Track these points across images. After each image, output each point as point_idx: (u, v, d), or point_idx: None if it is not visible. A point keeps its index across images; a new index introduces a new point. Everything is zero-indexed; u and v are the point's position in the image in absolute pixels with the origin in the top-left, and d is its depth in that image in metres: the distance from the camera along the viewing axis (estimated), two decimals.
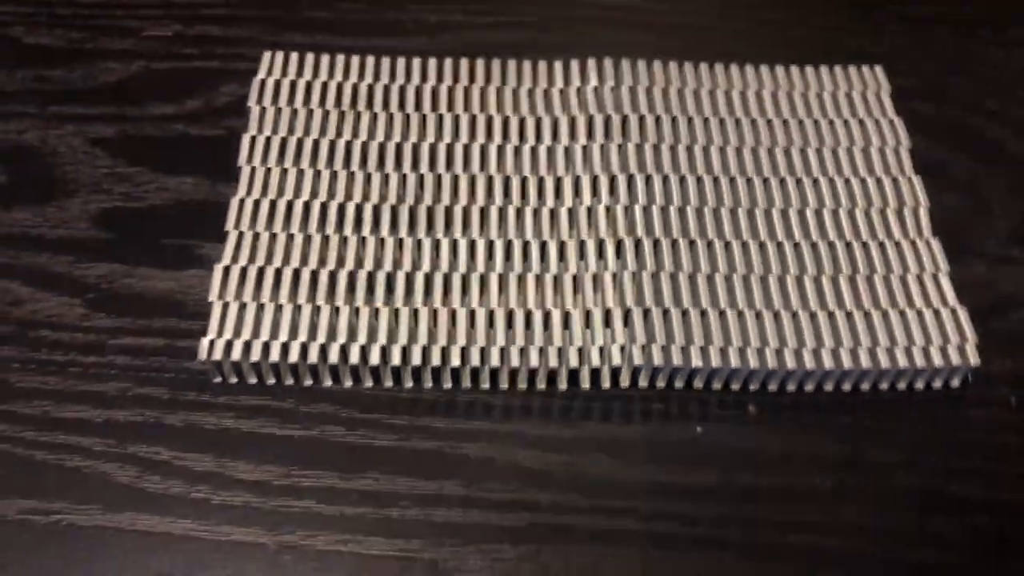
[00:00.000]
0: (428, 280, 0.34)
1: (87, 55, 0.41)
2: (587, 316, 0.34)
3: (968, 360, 0.33)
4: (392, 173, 0.37)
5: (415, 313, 0.33)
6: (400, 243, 0.35)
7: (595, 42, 0.42)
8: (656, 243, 0.35)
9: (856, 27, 0.44)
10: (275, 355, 0.32)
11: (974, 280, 0.36)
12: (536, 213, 0.36)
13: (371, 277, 0.34)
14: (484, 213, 0.36)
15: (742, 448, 0.33)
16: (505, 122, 0.38)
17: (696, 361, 0.33)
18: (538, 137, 0.38)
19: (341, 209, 0.36)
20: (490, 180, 0.37)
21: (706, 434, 0.33)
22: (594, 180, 0.37)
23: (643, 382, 0.33)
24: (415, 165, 0.37)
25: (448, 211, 0.36)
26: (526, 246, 0.35)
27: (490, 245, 0.35)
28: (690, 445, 0.33)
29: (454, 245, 0.35)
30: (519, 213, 0.36)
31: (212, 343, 0.33)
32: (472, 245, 0.35)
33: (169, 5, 0.43)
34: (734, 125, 0.38)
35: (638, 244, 0.35)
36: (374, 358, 0.32)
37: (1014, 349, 0.35)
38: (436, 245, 0.35)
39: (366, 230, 0.35)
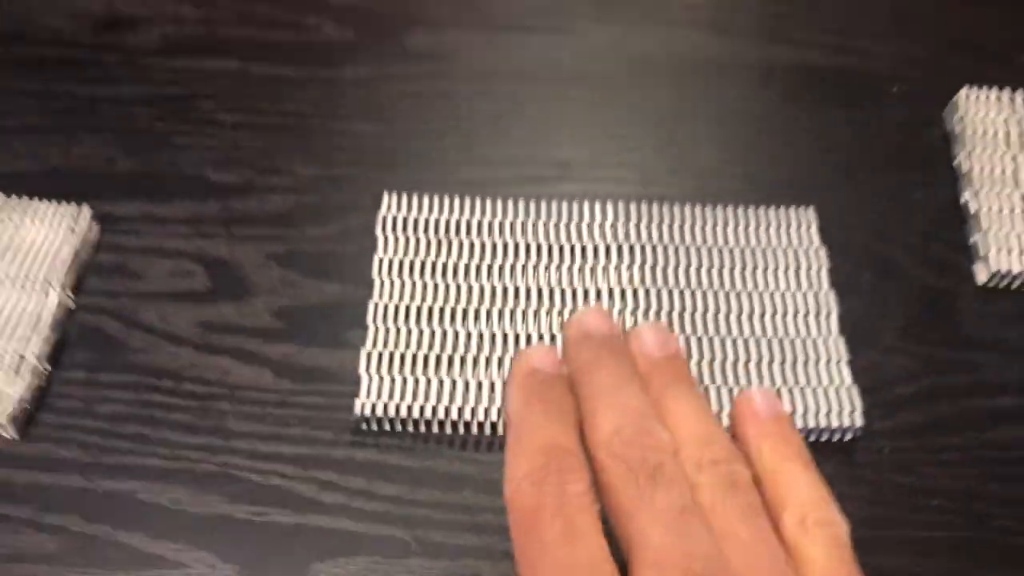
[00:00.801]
0: (501, 360, 0.52)
1: (258, 189, 0.59)
2: None
3: (855, 422, 0.51)
4: (475, 284, 0.54)
5: (493, 384, 0.51)
6: (481, 335, 0.53)
7: (610, 183, 0.60)
8: None
9: (797, 173, 0.61)
10: (404, 412, 0.50)
11: (867, 365, 0.54)
12: (560, 315, 0.54)
13: (464, 358, 0.52)
14: (538, 314, 0.53)
15: None
16: (549, 248, 0.56)
17: None
18: (572, 259, 0.56)
19: (442, 310, 0.53)
20: (539, 291, 0.54)
21: None
22: (611, 292, 0.54)
23: None
24: (488, 277, 0.55)
25: (513, 312, 0.53)
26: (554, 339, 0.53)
27: (543, 338, 0.53)
28: None
29: (517, 336, 0.53)
30: (558, 314, 0.54)
31: (363, 403, 0.50)
32: (528, 337, 0.53)
33: (310, 151, 0.61)
34: (707, 250, 0.56)
35: None
36: (467, 414, 0.50)
37: (890, 414, 0.52)
38: (504, 336, 0.53)
39: (459, 324, 0.53)
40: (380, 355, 0.51)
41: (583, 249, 0.56)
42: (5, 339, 0.50)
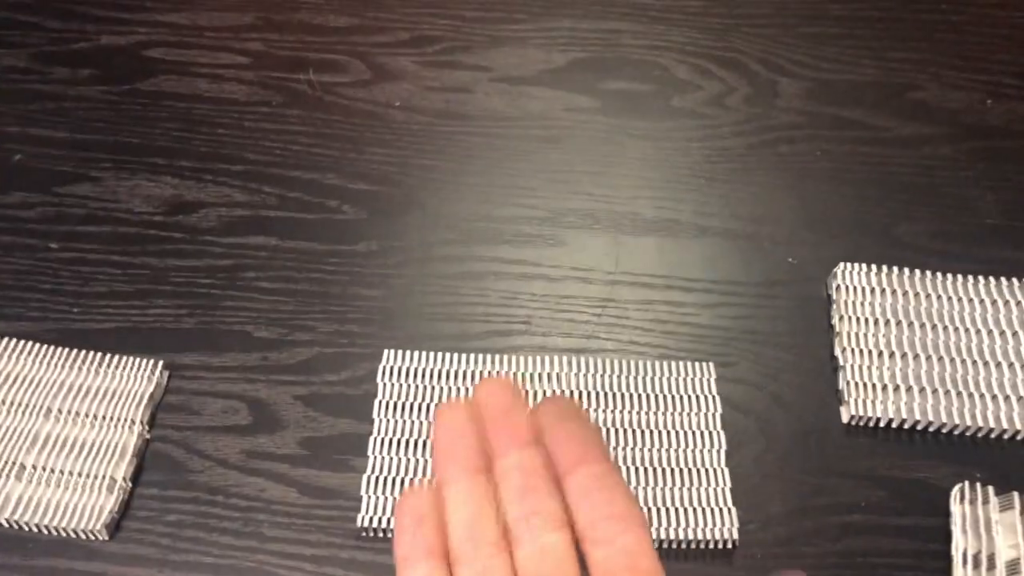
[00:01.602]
0: None
1: (287, 344, 0.77)
2: None
3: (733, 535, 0.67)
4: None
5: None
6: None
7: (558, 336, 0.78)
8: None
9: (702, 331, 0.79)
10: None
11: (749, 489, 0.71)
12: None
13: None
14: None
15: None
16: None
17: None
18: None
19: (426, 443, 0.71)
20: None
21: None
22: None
23: None
24: None
25: None
26: None
27: None
28: None
29: None
30: None
31: (363, 516, 0.68)
32: None
33: (329, 312, 0.79)
34: (631, 399, 0.73)
35: None
36: None
37: (763, 527, 0.69)
38: None
39: None
40: (378, 478, 0.69)
41: (535, 395, 0.73)
42: (100, 463, 0.68)
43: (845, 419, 0.73)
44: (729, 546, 0.67)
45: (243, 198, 0.83)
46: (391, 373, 0.73)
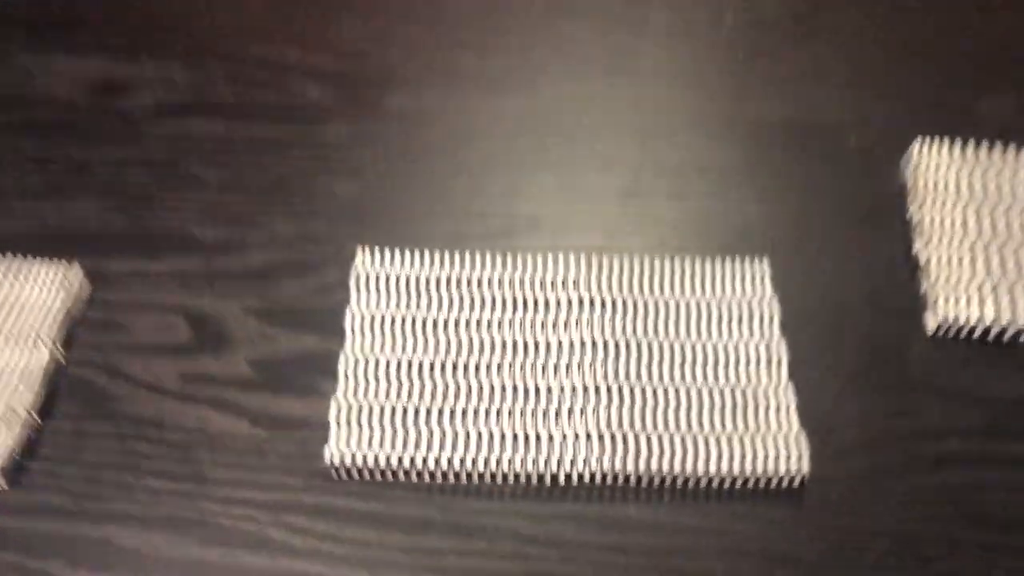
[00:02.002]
0: (465, 411, 0.54)
1: (239, 246, 0.62)
2: (564, 436, 0.54)
3: (802, 468, 0.53)
4: (442, 335, 0.57)
5: (457, 433, 0.54)
6: (447, 385, 0.55)
7: (577, 233, 0.63)
8: (620, 388, 0.55)
9: (751, 226, 0.64)
10: (371, 460, 0.53)
11: (817, 412, 0.56)
12: (533, 365, 0.56)
13: (430, 409, 0.55)
14: (500, 365, 0.56)
15: (658, 521, 0.52)
16: (515, 299, 0.59)
17: (630, 467, 0.53)
18: (536, 309, 0.58)
19: (410, 362, 0.56)
20: (504, 340, 0.57)
21: (635, 512, 0.53)
22: (571, 342, 0.57)
23: (598, 478, 0.53)
24: (456, 329, 0.57)
25: (478, 363, 0.56)
26: (525, 387, 0.55)
27: (504, 386, 0.55)
28: (625, 519, 0.53)
29: (480, 387, 0.55)
30: (524, 364, 0.56)
31: (332, 451, 0.53)
32: (492, 387, 0.55)
33: (291, 210, 0.64)
34: (664, 301, 0.59)
35: (598, 390, 0.55)
36: (431, 463, 0.53)
37: (839, 458, 0.55)
38: (469, 387, 0.55)
39: (427, 375, 0.56)
40: (350, 405, 0.54)
41: (547, 302, 0.59)
42: None
43: (931, 327, 0.58)
44: (796, 483, 0.53)
45: (185, 77, 0.67)
46: (366, 279, 0.59)
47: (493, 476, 0.53)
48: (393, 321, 0.57)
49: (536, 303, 0.58)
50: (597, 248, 0.60)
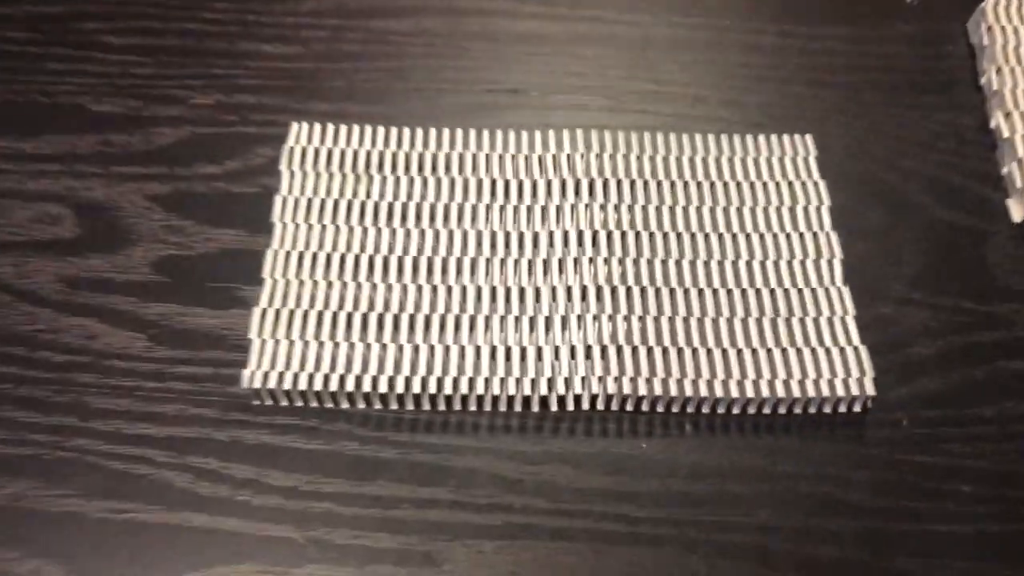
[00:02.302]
0: (428, 320, 0.42)
1: (143, 121, 0.49)
2: (557, 351, 0.41)
3: (865, 390, 0.41)
4: (399, 228, 0.44)
5: (417, 348, 0.41)
6: (405, 289, 0.43)
7: (571, 109, 0.50)
8: (614, 290, 0.43)
9: (794, 94, 0.51)
10: (303, 383, 0.40)
11: (878, 321, 0.44)
12: (517, 263, 0.44)
13: (382, 318, 0.42)
14: (474, 263, 0.43)
15: (678, 461, 0.40)
16: (493, 184, 0.46)
17: (643, 390, 0.40)
18: (521, 197, 0.46)
19: (357, 260, 0.43)
20: (479, 234, 0.44)
21: (649, 448, 0.41)
22: (565, 235, 0.44)
23: (600, 405, 0.41)
24: (418, 221, 0.45)
25: (445, 261, 0.44)
26: (509, 292, 0.43)
27: (478, 291, 0.43)
28: (636, 458, 0.40)
29: (449, 290, 0.43)
30: (503, 263, 0.44)
31: (252, 373, 0.41)
32: (465, 290, 0.43)
33: (210, 76, 0.51)
34: (682, 186, 0.46)
35: (599, 291, 0.43)
36: (383, 386, 0.40)
37: (907, 379, 0.42)
38: (434, 290, 0.43)
39: (378, 277, 0.43)
40: (278, 314, 0.42)
41: (534, 188, 0.46)
42: None
43: (1017, 218, 0.46)
44: (858, 408, 0.40)
45: None
46: (301, 159, 0.46)
47: (464, 403, 0.41)
48: (336, 210, 0.45)
49: (521, 188, 0.46)
50: (598, 125, 0.47)
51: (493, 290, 0.43)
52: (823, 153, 0.48)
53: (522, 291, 0.43)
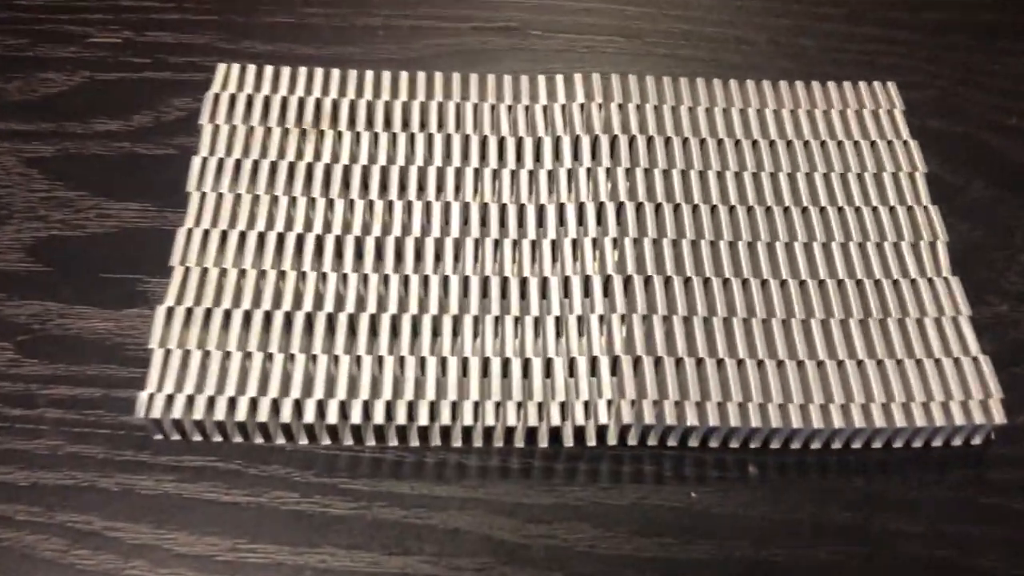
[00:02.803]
0: (395, 322, 0.31)
1: (25, 64, 0.38)
2: (571, 364, 0.30)
3: (992, 417, 0.30)
4: (358, 199, 0.33)
5: (380, 360, 0.30)
6: (365, 279, 0.32)
7: (581, 52, 0.39)
8: (648, 281, 0.32)
9: (865, 36, 0.40)
10: (221, 411, 0.29)
11: (996, 322, 0.33)
12: (516, 245, 0.33)
13: (331, 319, 0.31)
14: (459, 245, 0.32)
15: (741, 516, 0.29)
16: (483, 142, 0.35)
17: (692, 419, 0.29)
18: (519, 159, 0.35)
19: (300, 240, 0.32)
20: (466, 207, 0.33)
21: (702, 500, 0.30)
22: (581, 208, 0.33)
23: (632, 440, 0.30)
24: (384, 190, 0.34)
25: (419, 242, 0.32)
26: (504, 283, 0.32)
27: (465, 281, 0.32)
28: (684, 513, 0.29)
29: (425, 281, 0.32)
30: (497, 245, 0.32)
31: (152, 396, 0.29)
32: (445, 281, 0.32)
33: (118, 9, 0.40)
34: (733, 147, 0.35)
35: (628, 282, 0.32)
36: (332, 415, 0.29)
37: None
38: (405, 281, 0.32)
39: (327, 264, 0.32)
40: (190, 315, 0.30)
41: (538, 144, 0.35)
42: None
43: None
44: (978, 440, 0.30)
45: None
46: (230, 110, 0.34)
47: (446, 437, 0.30)
48: (273, 177, 0.33)
49: (520, 149, 0.34)
50: (615, 68, 0.37)
51: (485, 281, 0.32)
52: (910, 104, 0.37)
53: (523, 282, 0.32)
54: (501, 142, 0.35)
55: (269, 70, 0.36)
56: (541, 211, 0.33)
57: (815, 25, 0.41)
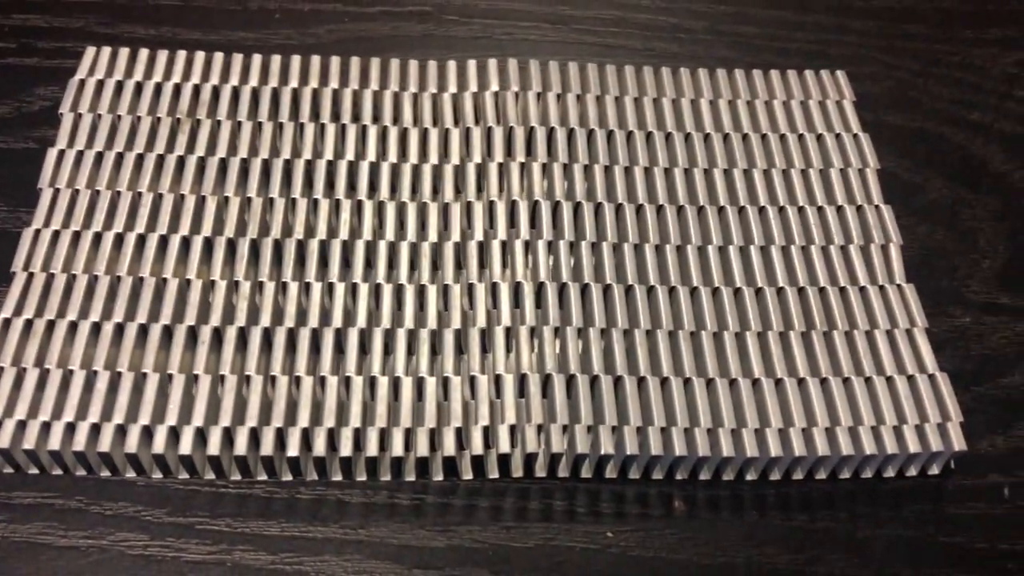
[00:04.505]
0: (267, 332, 0.27)
1: None
2: (472, 383, 0.26)
3: (951, 443, 0.26)
4: (234, 197, 0.29)
5: (247, 380, 0.26)
6: (236, 285, 0.27)
7: (500, 40, 0.35)
8: (584, 288, 0.28)
9: (815, 24, 0.37)
10: (57, 439, 0.25)
11: (956, 335, 0.30)
12: (437, 249, 0.29)
13: (193, 331, 0.26)
14: (371, 246, 0.28)
15: (665, 560, 0.25)
16: (403, 135, 0.31)
17: (607, 446, 0.25)
18: (423, 153, 0.31)
19: (164, 242, 0.28)
20: (380, 206, 0.29)
21: (619, 541, 0.25)
22: (512, 207, 0.29)
23: (541, 471, 0.26)
24: (265, 186, 0.30)
25: (302, 246, 0.28)
26: (422, 290, 0.28)
27: (372, 288, 0.28)
28: (599, 556, 0.25)
29: (306, 287, 0.27)
30: (414, 248, 0.29)
31: None
32: (330, 287, 0.28)
33: None
34: (663, 140, 0.31)
35: (562, 290, 0.28)
36: (186, 444, 0.25)
37: (1005, 422, 0.28)
38: (282, 288, 0.27)
39: (193, 269, 0.28)
40: (29, 327, 0.26)
41: (445, 134, 0.31)
42: None
43: None
44: (936, 470, 0.26)
45: None
46: (96, 97, 0.30)
47: (322, 470, 0.26)
48: (139, 170, 0.29)
49: (445, 143, 0.31)
50: (553, 53, 0.33)
51: (399, 288, 0.28)
52: (861, 95, 0.33)
53: (445, 289, 0.28)
54: (403, 133, 0.31)
55: (144, 54, 0.32)
56: (469, 209, 0.29)
57: (760, 12, 0.37)
